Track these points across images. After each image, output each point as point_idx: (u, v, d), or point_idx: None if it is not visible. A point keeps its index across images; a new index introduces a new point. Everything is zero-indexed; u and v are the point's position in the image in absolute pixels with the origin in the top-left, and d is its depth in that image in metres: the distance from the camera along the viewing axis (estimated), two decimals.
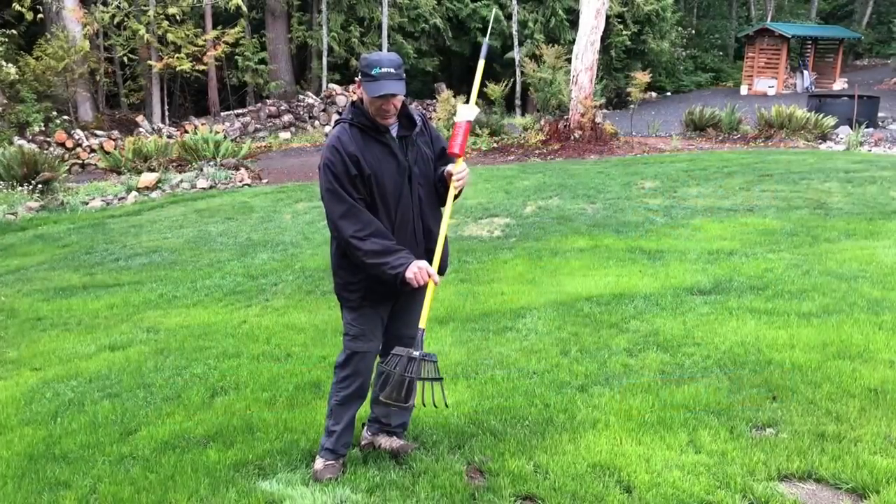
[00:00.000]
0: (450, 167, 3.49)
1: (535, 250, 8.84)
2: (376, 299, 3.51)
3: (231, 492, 3.43)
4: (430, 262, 3.41)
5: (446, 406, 3.44)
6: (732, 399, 4.12)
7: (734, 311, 6.01)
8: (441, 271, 3.57)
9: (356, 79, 3.37)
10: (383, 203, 3.39)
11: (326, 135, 21.28)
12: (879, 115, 20.78)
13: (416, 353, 3.31)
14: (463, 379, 4.76)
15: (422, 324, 3.42)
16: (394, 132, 3.43)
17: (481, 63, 3.62)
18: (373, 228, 3.31)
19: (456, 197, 3.51)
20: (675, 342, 5.27)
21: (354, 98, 3.47)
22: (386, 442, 3.78)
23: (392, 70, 3.27)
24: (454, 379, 4.73)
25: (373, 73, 3.26)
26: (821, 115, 17.63)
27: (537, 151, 16.38)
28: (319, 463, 3.61)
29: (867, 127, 18.15)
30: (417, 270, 3.30)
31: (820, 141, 17.01)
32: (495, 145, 17.58)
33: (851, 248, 8.32)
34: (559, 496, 3.14)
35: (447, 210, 3.53)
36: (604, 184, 12.38)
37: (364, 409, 3.81)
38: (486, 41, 3.73)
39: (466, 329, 6.03)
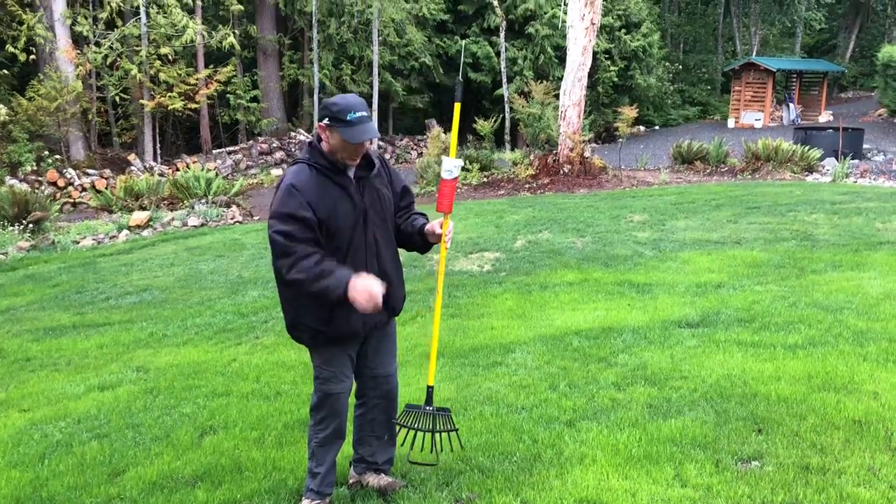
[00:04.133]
0: (435, 223, 3.55)
1: (525, 284, 8.89)
2: (331, 339, 3.46)
3: None
4: (388, 304, 3.44)
5: (462, 449, 3.53)
6: (718, 432, 4.15)
7: (721, 343, 6.05)
8: (396, 312, 3.67)
9: (319, 123, 3.35)
10: (336, 246, 3.35)
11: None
12: (864, 146, 21.05)
13: (429, 409, 3.42)
14: (452, 415, 4.77)
15: (430, 381, 3.56)
16: (350, 173, 3.44)
17: (457, 107, 3.69)
18: (306, 257, 3.22)
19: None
20: (662, 376, 5.30)
21: (311, 139, 3.51)
22: (374, 480, 3.78)
23: (365, 114, 3.31)
24: None
25: (348, 118, 3.26)
26: (807, 148, 17.85)
27: (527, 186, 16.51)
28: (305, 502, 3.61)
29: (853, 158, 18.39)
30: (367, 297, 3.18)
31: (806, 173, 17.21)
32: (485, 180, 17.71)
33: (838, 279, 8.39)
34: None
35: (440, 268, 3.68)
36: (593, 217, 12.48)
37: (348, 446, 3.82)
38: (458, 82, 3.79)
39: (456, 364, 6.05)
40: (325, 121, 3.32)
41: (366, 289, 3.18)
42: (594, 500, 3.41)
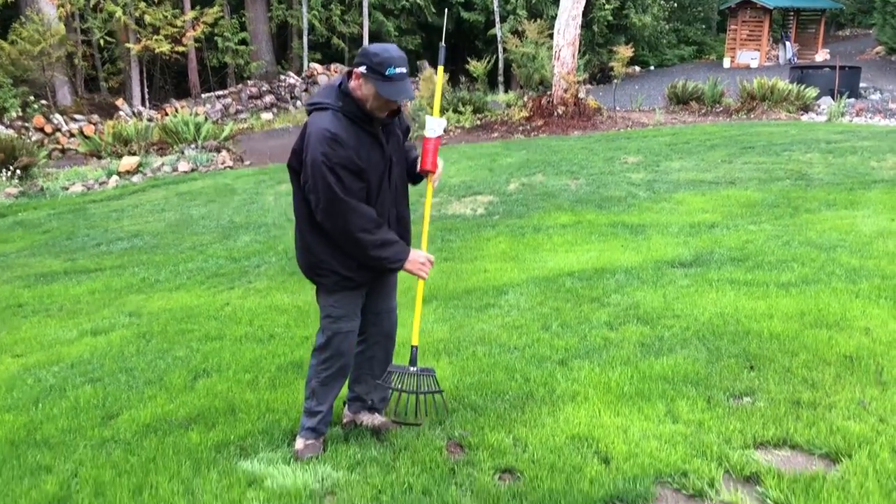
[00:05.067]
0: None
1: (519, 227, 8.85)
2: (353, 284, 3.47)
3: (213, 472, 3.44)
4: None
5: (447, 414, 3.51)
6: (710, 369, 4.16)
7: (714, 282, 6.04)
8: None
9: (356, 69, 3.21)
10: (367, 195, 3.34)
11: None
12: (861, 85, 20.85)
13: (413, 369, 3.39)
14: (445, 356, 4.77)
15: (414, 341, 3.52)
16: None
17: (440, 70, 3.63)
18: (377, 221, 3.30)
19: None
20: (654, 315, 5.30)
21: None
22: (368, 419, 3.79)
23: (405, 70, 3.21)
24: (436, 356, 4.74)
25: (387, 73, 3.15)
26: (803, 87, 17.66)
27: (521, 128, 16.34)
28: (300, 443, 3.62)
29: (849, 97, 18.21)
30: (421, 265, 3.41)
31: (802, 112, 17.06)
32: (478, 122, 17.52)
33: (832, 218, 8.37)
34: (537, 468, 3.17)
35: (426, 214, 3.64)
36: (587, 159, 12.38)
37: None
38: (442, 46, 3.73)
39: (449, 307, 6.04)
40: (363, 69, 3.19)
41: (417, 260, 3.40)
42: (586, 437, 3.42)
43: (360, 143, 3.27)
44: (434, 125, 3.50)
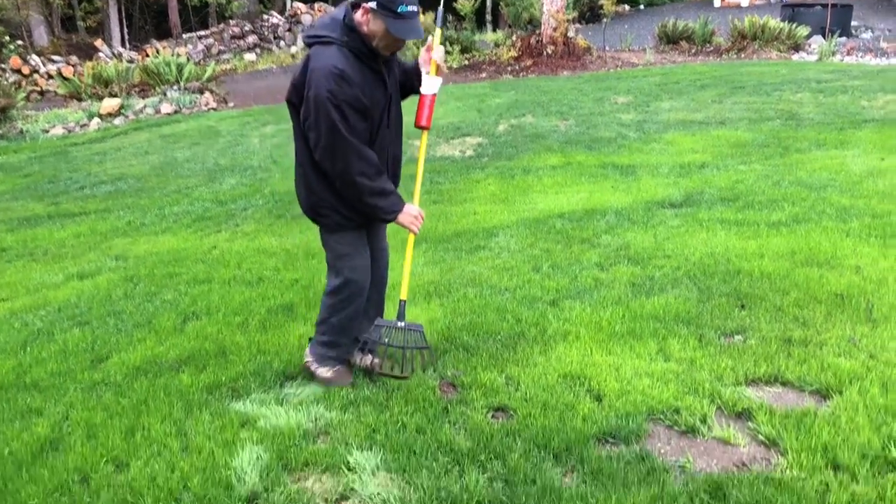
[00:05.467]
0: (424, 58, 3.47)
1: (508, 169, 8.78)
2: (353, 224, 3.43)
3: (205, 413, 3.43)
4: (396, 187, 3.41)
5: (435, 369, 3.49)
6: (701, 308, 4.16)
7: (704, 222, 6.03)
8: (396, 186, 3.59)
9: (365, 4, 3.08)
10: (369, 133, 3.26)
11: (294, 56, 20.75)
12: (852, 23, 20.62)
13: (400, 324, 3.37)
14: (436, 298, 4.76)
15: (403, 295, 3.48)
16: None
17: (438, 32, 3.53)
18: (378, 166, 3.23)
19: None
20: (645, 255, 5.29)
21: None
22: (360, 359, 3.78)
23: (416, 8, 3.09)
24: (427, 298, 4.73)
25: (399, 10, 3.03)
26: (794, 25, 17.45)
27: (509, 68, 16.11)
28: (328, 372, 3.60)
29: (840, 36, 18.02)
30: (413, 219, 3.37)
31: (793, 52, 16.89)
32: (466, 63, 17.25)
33: (822, 157, 8.34)
34: (530, 406, 3.17)
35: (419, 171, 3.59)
36: (577, 100, 12.25)
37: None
38: (440, 10, 3.61)
39: (439, 249, 6.01)
40: (372, 4, 3.07)
41: (410, 213, 3.35)
42: (578, 375, 3.43)
43: (366, 80, 3.16)
44: (431, 83, 3.43)
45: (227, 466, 2.96)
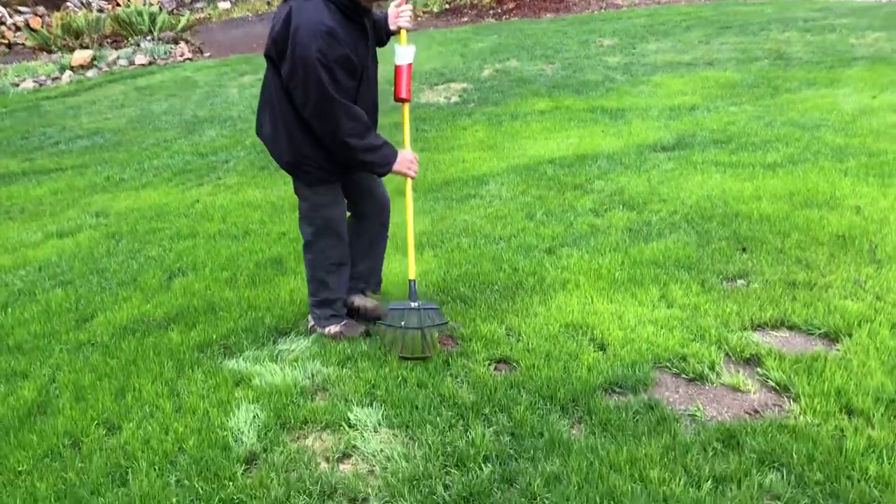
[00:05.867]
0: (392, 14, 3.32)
1: (495, 115, 8.60)
2: (335, 178, 3.33)
3: (197, 372, 3.32)
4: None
5: (457, 343, 3.35)
6: (702, 253, 4.08)
7: (699, 165, 5.92)
8: None
9: None
10: (356, 90, 3.14)
11: (269, 3, 20.19)
12: None
13: (414, 305, 3.26)
14: (429, 248, 4.64)
15: (411, 275, 3.38)
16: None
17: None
18: (367, 123, 3.12)
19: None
20: (640, 200, 5.19)
21: None
22: (360, 301, 3.69)
23: None
24: (420, 249, 4.61)
25: None
26: None
27: (491, 11, 15.76)
28: (334, 328, 3.52)
29: None
30: (409, 164, 3.28)
31: None
32: (447, 6, 16.85)
33: (812, 97, 8.23)
34: (533, 357, 3.09)
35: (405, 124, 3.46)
36: (561, 43, 11.99)
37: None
38: None
39: (429, 199, 5.87)
40: None
41: (406, 159, 3.27)
42: (580, 324, 3.34)
43: (350, 36, 3.02)
44: (405, 53, 3.29)
45: (223, 427, 2.87)
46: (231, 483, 2.54)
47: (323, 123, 3.06)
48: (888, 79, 8.55)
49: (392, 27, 3.30)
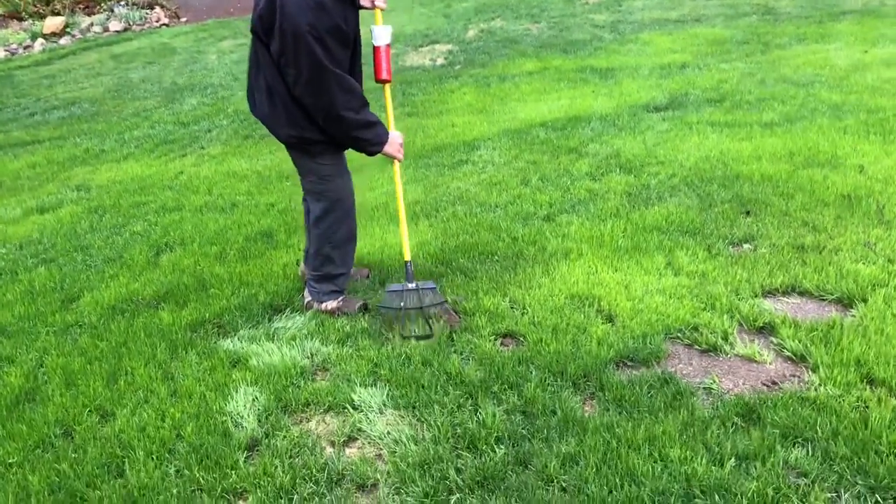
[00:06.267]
0: None
1: (483, 77, 8.42)
2: (341, 147, 3.25)
3: (191, 354, 3.21)
4: None
5: (459, 322, 3.23)
6: (705, 217, 3.98)
7: (694, 125, 5.80)
8: None
9: None
10: (349, 61, 3.05)
11: None
12: None
13: (411, 285, 3.17)
14: (424, 218, 4.52)
15: (406, 256, 3.29)
16: None
17: None
18: (362, 97, 3.01)
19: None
20: (637, 162, 5.08)
21: None
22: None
23: None
24: (414, 219, 4.49)
25: None
26: None
27: None
28: (332, 304, 3.42)
29: None
30: (399, 147, 3.20)
31: None
32: None
33: (804, 52, 8.10)
34: (540, 331, 2.99)
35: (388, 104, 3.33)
36: (545, 1, 11.76)
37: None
38: None
39: (420, 166, 5.73)
40: None
41: (396, 142, 3.17)
42: (585, 296, 3.24)
43: (339, 4, 2.88)
44: (381, 33, 3.15)
45: (221, 412, 2.76)
46: (233, 472, 2.44)
47: (317, 98, 2.93)
48: (878, 32, 8.44)
49: (365, 3, 3.09)
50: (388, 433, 2.53)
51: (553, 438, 2.38)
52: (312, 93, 2.90)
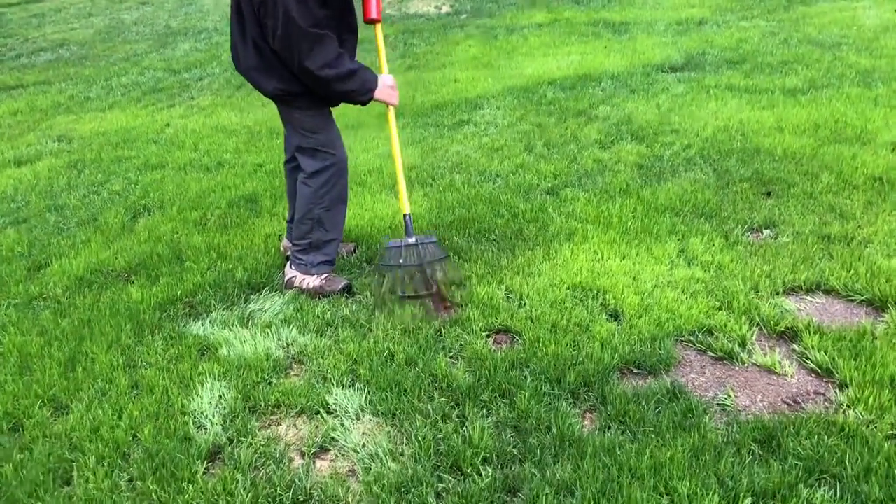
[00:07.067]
0: None
1: (490, 28, 8.00)
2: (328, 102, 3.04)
3: (157, 339, 2.94)
4: None
5: (464, 285, 2.99)
6: (722, 197, 3.67)
7: (712, 89, 5.45)
8: None
9: None
10: (336, 22, 2.86)
11: None
12: None
13: (411, 240, 2.97)
14: (419, 186, 4.21)
15: (405, 209, 3.07)
16: None
17: None
18: (340, 52, 2.81)
19: None
20: (650, 130, 4.74)
21: None
22: (286, 244, 3.44)
23: None
24: (408, 187, 4.18)
25: None
26: None
27: None
28: (315, 280, 3.17)
29: None
30: (391, 91, 2.99)
31: None
32: None
33: (830, 10, 7.67)
34: (537, 328, 2.71)
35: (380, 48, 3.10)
36: None
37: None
38: None
39: (418, 125, 5.40)
40: None
41: (387, 85, 2.97)
42: (589, 287, 2.95)
43: None
44: None
45: (183, 411, 2.51)
46: (190, 485, 2.19)
47: (292, 53, 2.75)
48: None
49: None
50: (364, 445, 2.27)
51: (547, 461, 2.12)
52: (284, 47, 2.73)
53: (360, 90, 2.90)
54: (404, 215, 3.08)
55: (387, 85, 2.98)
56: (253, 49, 2.89)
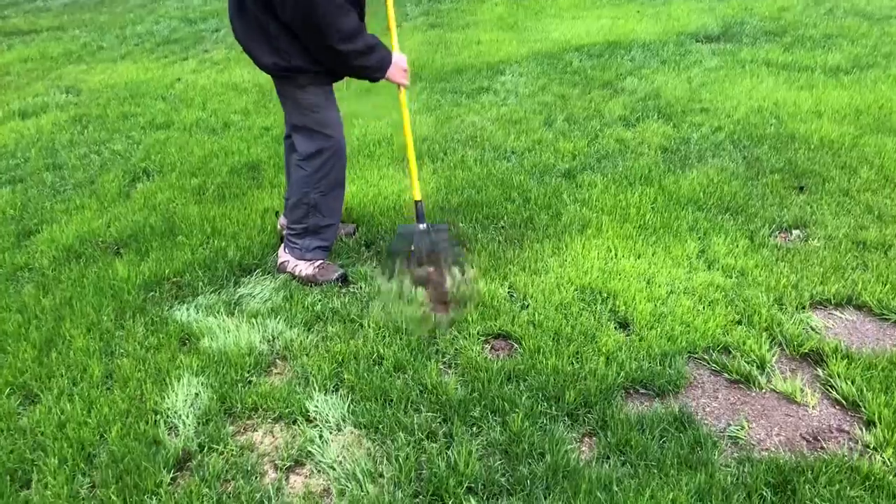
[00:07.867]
0: None
1: None
2: (329, 79, 2.85)
3: (138, 323, 2.79)
4: None
5: (475, 279, 2.83)
6: (751, 190, 3.41)
7: (747, 64, 5.12)
8: None
9: None
10: None
11: None
12: None
13: (422, 226, 2.85)
14: (429, 161, 3.99)
15: (416, 195, 2.91)
16: None
17: None
18: (357, 22, 2.63)
19: None
20: (679, 108, 4.46)
21: None
22: (283, 221, 3.23)
23: None
24: (418, 160, 3.95)
25: None
26: None
27: None
28: (309, 267, 3.01)
29: None
30: (403, 72, 2.81)
31: None
32: None
33: None
34: (539, 335, 2.51)
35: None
36: None
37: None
38: None
39: (436, 90, 5.15)
40: None
41: (400, 67, 2.79)
42: (600, 290, 2.73)
43: None
44: None
45: (156, 409, 2.35)
46: (154, 497, 2.04)
47: (307, 27, 2.55)
48: None
49: None
50: (342, 461, 2.11)
51: (537, 496, 1.94)
52: (298, 18, 2.53)
53: (375, 66, 2.73)
54: (416, 202, 2.91)
55: (399, 66, 2.80)
56: (252, 20, 2.69)
